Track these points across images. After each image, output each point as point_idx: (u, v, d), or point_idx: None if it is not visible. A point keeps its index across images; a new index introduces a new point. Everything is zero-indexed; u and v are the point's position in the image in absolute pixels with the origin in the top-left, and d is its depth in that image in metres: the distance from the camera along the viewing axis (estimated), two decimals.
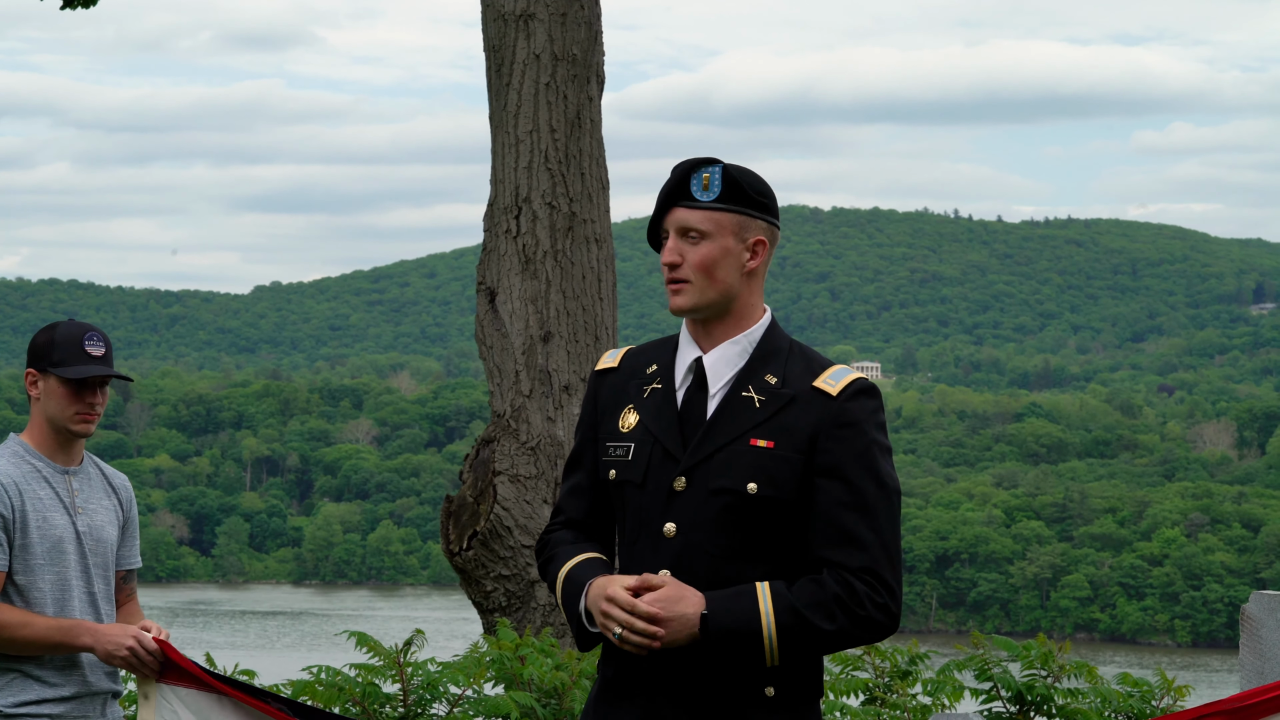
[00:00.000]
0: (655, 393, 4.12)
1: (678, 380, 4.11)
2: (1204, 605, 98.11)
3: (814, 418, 4.04)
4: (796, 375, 4.08)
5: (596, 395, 4.21)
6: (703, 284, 4.06)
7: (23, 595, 5.13)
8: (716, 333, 4.11)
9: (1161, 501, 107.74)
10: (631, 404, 4.13)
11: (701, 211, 4.07)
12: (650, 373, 4.15)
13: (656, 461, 4.06)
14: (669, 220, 4.10)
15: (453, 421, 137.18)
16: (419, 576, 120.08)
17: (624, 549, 4.13)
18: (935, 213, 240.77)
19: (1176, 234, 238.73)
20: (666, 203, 4.10)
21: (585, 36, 9.73)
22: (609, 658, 4.07)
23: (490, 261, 9.75)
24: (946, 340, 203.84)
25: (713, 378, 4.08)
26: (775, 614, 3.93)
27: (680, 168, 4.10)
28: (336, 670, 6.96)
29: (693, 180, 4.08)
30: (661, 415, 4.09)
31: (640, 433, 4.09)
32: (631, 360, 4.20)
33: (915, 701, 7.43)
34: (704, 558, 4.01)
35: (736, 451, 4.03)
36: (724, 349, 4.10)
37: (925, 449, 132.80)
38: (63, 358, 5.21)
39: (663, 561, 4.02)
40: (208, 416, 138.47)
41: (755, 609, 3.93)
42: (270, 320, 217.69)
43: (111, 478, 5.39)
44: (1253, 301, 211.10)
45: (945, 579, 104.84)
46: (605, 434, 4.15)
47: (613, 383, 4.20)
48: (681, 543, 4.02)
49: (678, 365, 4.13)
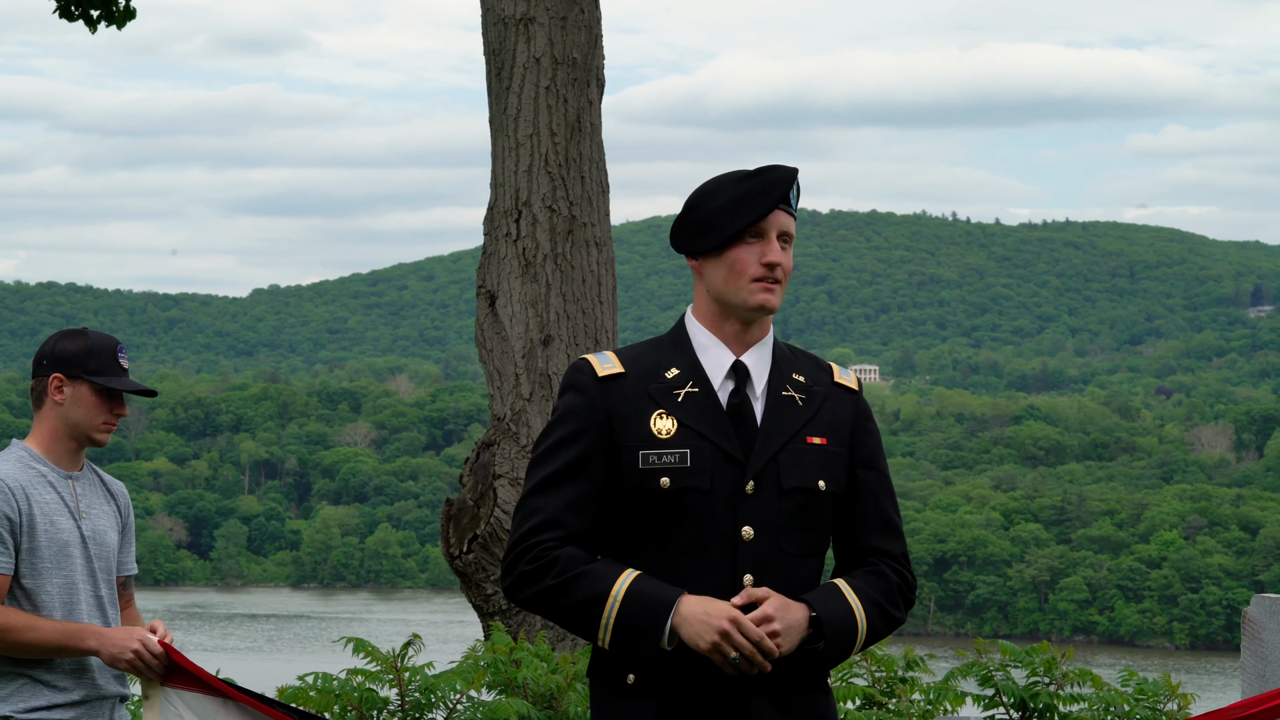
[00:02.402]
0: (693, 396, 4.07)
1: (716, 383, 4.10)
2: (1202, 608, 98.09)
3: (848, 412, 4.18)
4: (814, 373, 4.19)
5: (605, 402, 4.08)
6: (784, 287, 4.13)
7: (31, 599, 5.12)
8: (754, 335, 4.14)
9: (1160, 504, 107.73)
10: (662, 409, 4.06)
11: (793, 219, 4.16)
12: (672, 376, 4.09)
13: (718, 466, 4.03)
14: (771, 222, 4.11)
15: (451, 425, 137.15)
16: (417, 580, 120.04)
17: (680, 558, 4.02)
18: (933, 215, 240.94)
19: (1174, 237, 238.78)
20: (773, 204, 4.10)
21: (585, 40, 9.73)
22: (629, 662, 4.01)
23: (490, 265, 9.75)
24: (944, 343, 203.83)
25: (755, 379, 4.12)
26: (864, 608, 4.06)
27: (784, 172, 4.13)
28: (331, 677, 6.94)
29: (793, 187, 4.13)
30: (709, 419, 4.06)
31: (690, 438, 4.04)
32: (634, 364, 4.12)
33: (917, 707, 7.41)
34: (781, 558, 4.05)
35: (797, 450, 4.08)
36: (758, 350, 4.14)
37: (923, 452, 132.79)
38: (99, 366, 5.20)
39: (745, 566, 4.01)
40: (206, 420, 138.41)
41: (848, 606, 4.04)
42: (268, 323, 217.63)
43: (109, 484, 5.39)
44: (1250, 304, 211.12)
45: (943, 581, 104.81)
46: (634, 442, 4.04)
47: (624, 388, 4.09)
48: (762, 546, 4.03)
49: (708, 367, 4.11)
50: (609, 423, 4.07)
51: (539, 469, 4.09)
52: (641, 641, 3.94)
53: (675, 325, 4.20)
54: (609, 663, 4.05)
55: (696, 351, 4.13)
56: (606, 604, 3.96)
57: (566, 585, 4.00)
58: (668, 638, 3.93)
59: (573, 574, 4.00)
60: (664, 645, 3.94)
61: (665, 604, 3.93)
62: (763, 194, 4.10)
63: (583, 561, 4.01)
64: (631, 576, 3.97)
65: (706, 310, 4.16)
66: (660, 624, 3.92)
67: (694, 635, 3.90)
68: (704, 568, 4.01)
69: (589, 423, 4.08)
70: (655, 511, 4.03)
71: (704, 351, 4.13)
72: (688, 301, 4.33)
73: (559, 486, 4.06)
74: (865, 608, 4.05)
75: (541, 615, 4.09)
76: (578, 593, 3.99)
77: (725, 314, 4.13)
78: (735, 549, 4.01)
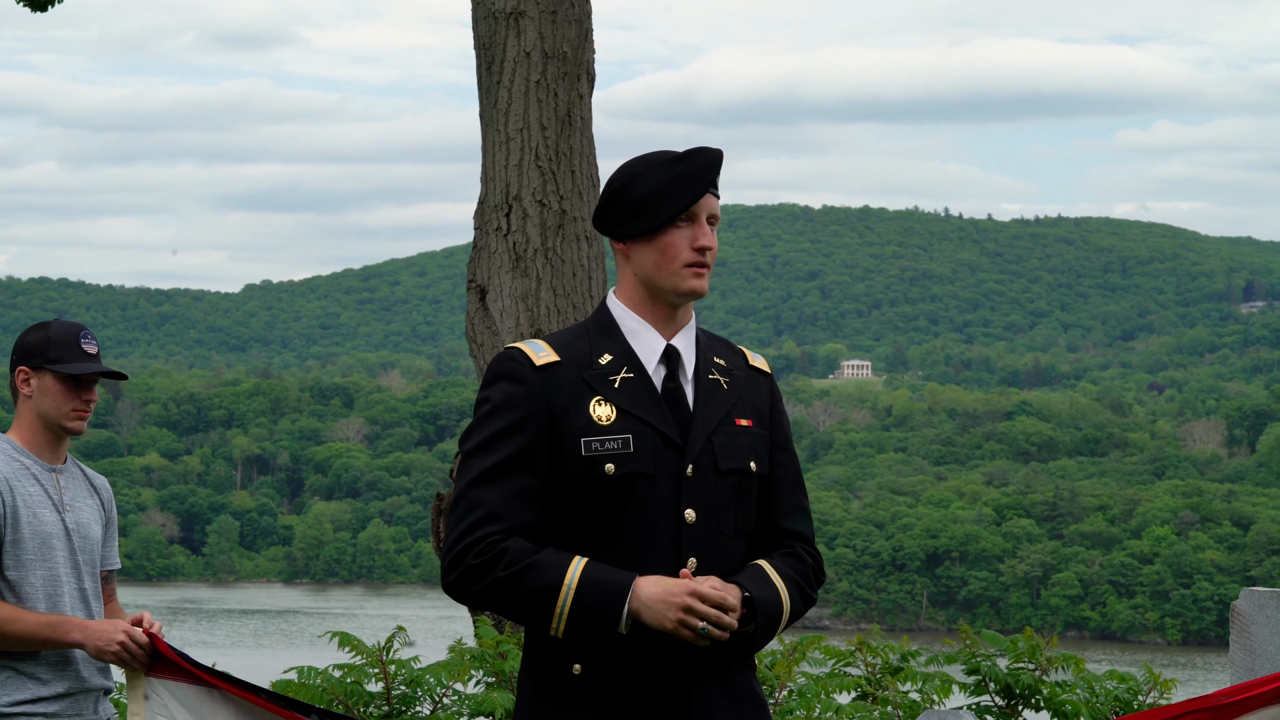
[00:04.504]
0: (629, 382, 4.06)
1: (650, 367, 4.08)
2: (1194, 603, 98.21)
3: (764, 395, 4.21)
4: (730, 357, 4.21)
5: (543, 391, 4.02)
6: (710, 270, 4.12)
7: (14, 591, 5.14)
8: (681, 319, 4.13)
9: (1151, 500, 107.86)
10: (599, 395, 4.04)
11: (718, 199, 4.15)
12: (606, 362, 4.07)
13: (659, 450, 4.03)
14: (701, 205, 4.09)
15: (443, 420, 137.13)
16: (409, 575, 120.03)
17: (625, 544, 4.00)
18: (925, 211, 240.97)
19: (1166, 233, 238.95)
20: (705, 188, 4.08)
21: (576, 34, 9.73)
22: (575, 651, 3.99)
23: (481, 259, 9.75)
24: (937, 339, 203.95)
25: (685, 363, 4.12)
26: (787, 588, 4.08)
27: (713, 154, 4.11)
28: (320, 670, 6.95)
29: (719, 168, 4.12)
30: (647, 403, 4.05)
31: (631, 423, 4.03)
32: (566, 351, 4.07)
33: (906, 698, 7.44)
34: (720, 539, 4.07)
35: (729, 432, 4.10)
36: (685, 334, 4.13)
37: (915, 447, 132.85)
38: (60, 355, 5.25)
39: (689, 549, 4.02)
40: (198, 415, 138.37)
41: (775, 588, 4.06)
42: (261, 319, 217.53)
43: (92, 478, 5.42)
44: (1242, 300, 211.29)
45: (936, 577, 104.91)
46: (575, 429, 4.00)
47: (560, 376, 4.04)
48: (703, 527, 4.04)
49: (640, 352, 4.09)
50: (550, 411, 4.01)
51: (477, 460, 4.01)
52: (599, 627, 3.92)
53: (598, 310, 4.15)
54: (553, 654, 4.02)
55: (627, 336, 4.10)
56: (561, 592, 3.91)
57: (517, 576, 3.94)
58: (625, 622, 3.92)
59: (522, 565, 3.94)
60: (621, 629, 3.93)
61: (621, 588, 3.91)
62: (696, 177, 4.07)
63: (531, 553, 3.95)
64: (583, 564, 3.95)
65: (634, 294, 4.11)
66: (618, 608, 3.91)
67: (657, 617, 3.90)
68: (649, 551, 4.00)
69: (530, 412, 4.01)
70: (600, 498, 4.00)
71: (634, 336, 4.10)
72: None
73: (501, 479, 3.99)
74: (789, 589, 4.08)
75: (491, 610, 4.04)
76: (530, 584, 3.93)
77: (654, 298, 4.10)
78: (679, 532, 4.02)
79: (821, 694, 7.38)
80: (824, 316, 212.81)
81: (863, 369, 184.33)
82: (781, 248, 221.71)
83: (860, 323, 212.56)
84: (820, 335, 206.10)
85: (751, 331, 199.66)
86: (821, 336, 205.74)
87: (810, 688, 7.40)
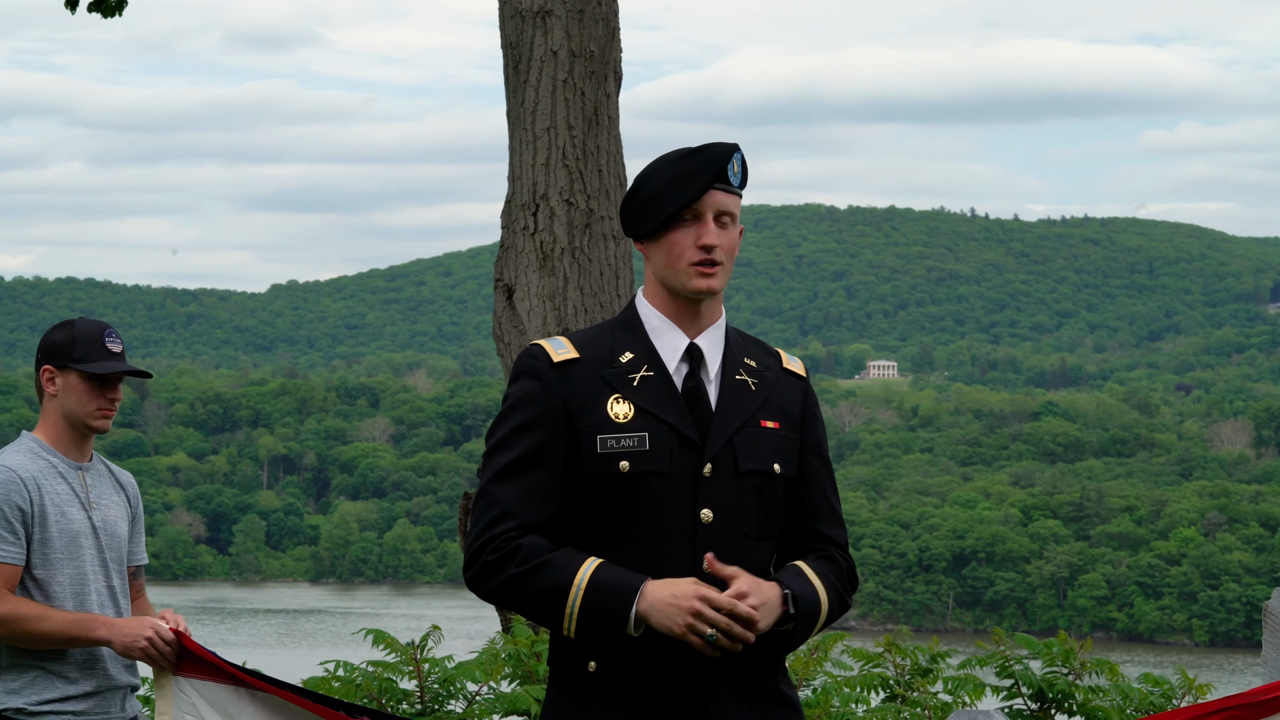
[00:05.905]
0: (648, 380, 4.03)
1: (671, 366, 4.05)
2: (1221, 605, 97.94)
3: (797, 398, 4.16)
4: (763, 358, 4.16)
5: (561, 388, 4.01)
6: (728, 268, 4.06)
7: (42, 589, 5.14)
8: (706, 318, 4.09)
9: (1179, 500, 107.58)
10: (618, 393, 4.01)
11: (734, 196, 4.08)
12: (627, 360, 4.04)
13: (676, 449, 3.99)
14: (707, 202, 4.04)
15: (469, 420, 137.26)
16: (436, 575, 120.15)
17: (641, 543, 3.98)
18: (951, 211, 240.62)
19: (1193, 233, 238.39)
20: (707, 185, 4.03)
21: (603, 33, 9.72)
22: (590, 650, 3.97)
23: (508, 258, 9.74)
24: (963, 339, 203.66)
25: (709, 362, 4.08)
26: (826, 591, 4.05)
27: (719, 150, 4.06)
28: (354, 666, 6.95)
29: (730, 164, 4.06)
30: (665, 402, 4.02)
31: (648, 421, 4.00)
32: (587, 349, 4.05)
33: (936, 699, 7.41)
34: (740, 541, 4.02)
35: (752, 434, 4.05)
36: (711, 333, 4.09)
37: (942, 448, 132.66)
38: (84, 354, 5.25)
39: (705, 549, 3.97)
40: (224, 415, 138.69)
41: (814, 587, 4.03)
42: (287, 319, 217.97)
43: (118, 474, 5.42)
44: (1270, 300, 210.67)
45: (962, 578, 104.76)
46: (591, 427, 3.98)
47: (579, 373, 4.02)
48: (721, 528, 4.00)
49: (662, 350, 4.06)
50: (566, 408, 4.00)
51: (497, 456, 4.02)
52: (607, 629, 3.90)
53: (625, 308, 4.13)
54: (570, 651, 4.01)
55: (650, 335, 4.07)
56: (570, 592, 3.90)
57: (529, 574, 3.93)
58: (634, 624, 3.89)
59: (535, 563, 3.93)
60: (630, 632, 3.90)
61: (629, 590, 3.88)
62: (696, 174, 4.03)
63: (545, 550, 3.94)
64: (594, 564, 3.92)
65: (657, 293, 4.09)
66: (625, 611, 3.88)
67: (665, 620, 3.86)
68: (665, 551, 3.97)
69: (547, 408, 4.01)
70: (614, 496, 3.98)
71: (657, 334, 4.07)
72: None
73: (518, 475, 3.99)
74: (827, 590, 4.05)
75: (505, 606, 4.04)
76: (540, 582, 3.92)
77: (674, 296, 4.07)
78: (695, 532, 3.98)
79: (843, 691, 7.35)
80: (850, 317, 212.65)
81: (889, 369, 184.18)
82: (807, 248, 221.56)
83: (886, 323, 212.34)
84: (846, 335, 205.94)
85: (777, 332, 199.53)
86: (847, 337, 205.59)
87: (833, 687, 7.37)
